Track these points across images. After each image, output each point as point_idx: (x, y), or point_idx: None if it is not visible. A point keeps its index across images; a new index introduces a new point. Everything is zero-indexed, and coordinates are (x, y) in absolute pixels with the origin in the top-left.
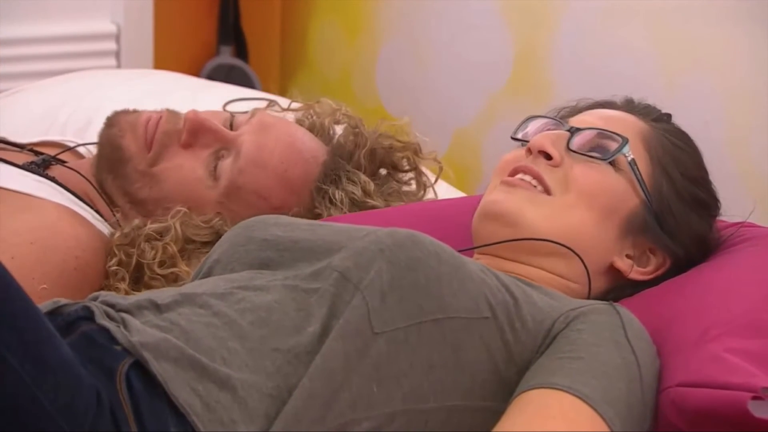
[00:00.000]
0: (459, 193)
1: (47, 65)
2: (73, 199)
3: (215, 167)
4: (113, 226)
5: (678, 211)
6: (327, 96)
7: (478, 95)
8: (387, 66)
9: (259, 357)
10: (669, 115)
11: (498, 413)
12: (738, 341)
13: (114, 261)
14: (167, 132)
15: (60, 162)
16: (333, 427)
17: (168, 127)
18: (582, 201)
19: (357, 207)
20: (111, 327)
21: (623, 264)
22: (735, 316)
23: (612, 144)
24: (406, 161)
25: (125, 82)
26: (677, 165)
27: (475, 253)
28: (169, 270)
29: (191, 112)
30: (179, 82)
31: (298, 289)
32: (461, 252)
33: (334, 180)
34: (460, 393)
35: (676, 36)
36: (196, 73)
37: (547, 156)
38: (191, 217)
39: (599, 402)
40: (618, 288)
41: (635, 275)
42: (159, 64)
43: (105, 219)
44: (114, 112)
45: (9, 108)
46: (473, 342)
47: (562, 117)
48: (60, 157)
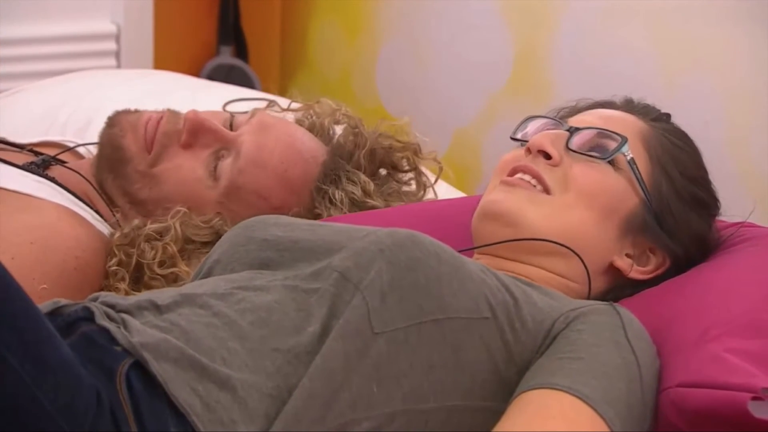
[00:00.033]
0: (459, 194)
1: (47, 65)
2: (73, 200)
3: (215, 167)
4: (113, 226)
5: (677, 211)
6: (327, 96)
7: (478, 95)
8: (387, 66)
9: (259, 357)
10: (668, 115)
11: (498, 413)
12: (738, 341)
13: (114, 261)
14: (167, 132)
15: (60, 162)
16: (333, 427)
17: (168, 128)
18: (581, 200)
19: (357, 207)
20: (111, 328)
21: (623, 263)
22: (735, 316)
23: (611, 143)
24: (405, 161)
25: (125, 82)
26: (677, 164)
27: (475, 253)
28: (169, 270)
29: (191, 112)
30: (179, 82)
31: (298, 290)
32: (461, 252)
33: (333, 180)
34: (460, 393)
35: (676, 36)
36: (196, 73)
37: (547, 155)
38: (191, 217)
39: (599, 402)
40: (618, 288)
41: (635, 274)
42: (159, 64)
43: (105, 219)
44: (115, 111)
45: (9, 108)
46: (473, 342)
47: (561, 117)
48: (60, 158)
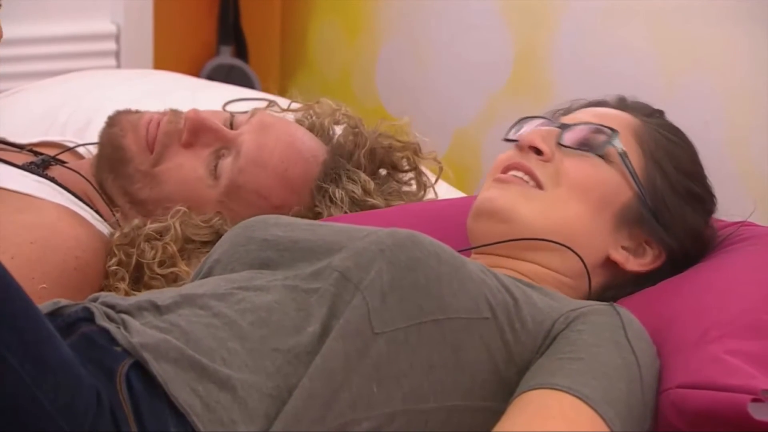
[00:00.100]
0: (459, 193)
1: (47, 65)
2: (73, 200)
3: (215, 166)
4: (113, 226)
5: (672, 204)
6: (327, 96)
7: (478, 95)
8: (387, 66)
9: (259, 357)
10: (661, 112)
11: (498, 413)
12: (738, 342)
13: (114, 261)
14: (168, 132)
15: (60, 162)
16: (333, 427)
17: (169, 128)
18: (574, 194)
19: (357, 206)
20: (111, 328)
21: (619, 255)
22: (735, 316)
23: (602, 137)
24: (405, 161)
25: (125, 82)
26: (670, 159)
27: (472, 253)
28: (169, 270)
29: (192, 111)
30: (179, 82)
31: (298, 289)
32: (461, 252)
33: (334, 179)
34: (460, 393)
35: (676, 36)
36: (196, 73)
37: (538, 151)
38: (191, 217)
39: (599, 402)
40: (617, 285)
41: (633, 266)
42: (159, 64)
43: (105, 219)
44: (116, 111)
45: (9, 108)
46: (473, 342)
47: (555, 118)
48: (60, 158)
